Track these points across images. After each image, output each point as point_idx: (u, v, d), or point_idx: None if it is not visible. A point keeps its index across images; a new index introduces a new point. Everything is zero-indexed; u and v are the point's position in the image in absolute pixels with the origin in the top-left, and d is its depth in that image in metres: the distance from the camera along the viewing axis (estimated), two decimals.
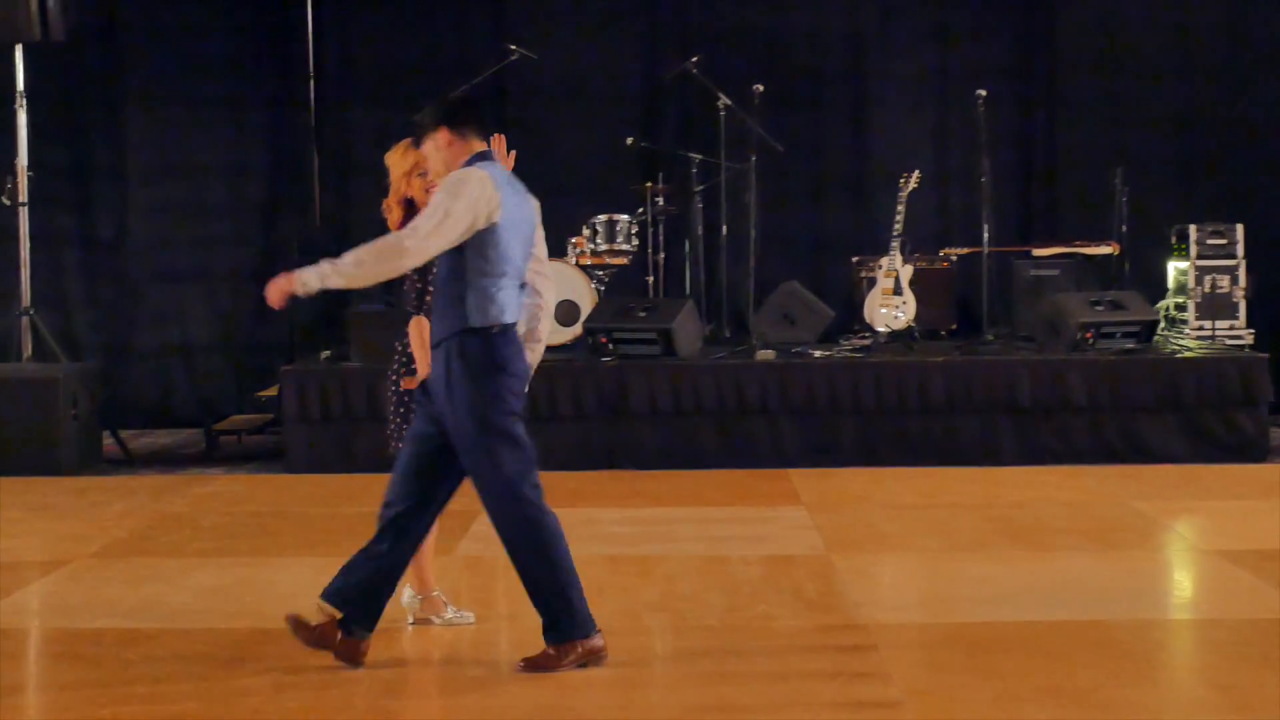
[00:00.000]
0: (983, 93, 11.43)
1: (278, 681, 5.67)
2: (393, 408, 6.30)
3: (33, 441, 10.25)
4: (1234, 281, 11.80)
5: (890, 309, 11.33)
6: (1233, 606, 6.83)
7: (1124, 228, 11.95)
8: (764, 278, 11.71)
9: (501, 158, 6.94)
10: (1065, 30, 12.90)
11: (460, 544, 8.02)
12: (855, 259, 12.20)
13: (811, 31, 12.88)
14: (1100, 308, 10.94)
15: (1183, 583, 7.61)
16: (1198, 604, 7.14)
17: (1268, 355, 10.77)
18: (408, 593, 6.42)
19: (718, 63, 11.98)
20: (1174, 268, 12.14)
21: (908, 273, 11.39)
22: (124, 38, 12.77)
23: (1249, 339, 11.60)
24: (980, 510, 8.92)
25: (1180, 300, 12.00)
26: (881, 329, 11.35)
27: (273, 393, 11.15)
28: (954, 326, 12.11)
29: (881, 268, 11.43)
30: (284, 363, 11.20)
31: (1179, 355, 10.77)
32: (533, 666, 5.72)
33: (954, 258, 12.13)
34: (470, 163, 5.63)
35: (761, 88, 11.32)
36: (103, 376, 11.45)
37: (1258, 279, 11.89)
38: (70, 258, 12.75)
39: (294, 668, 5.81)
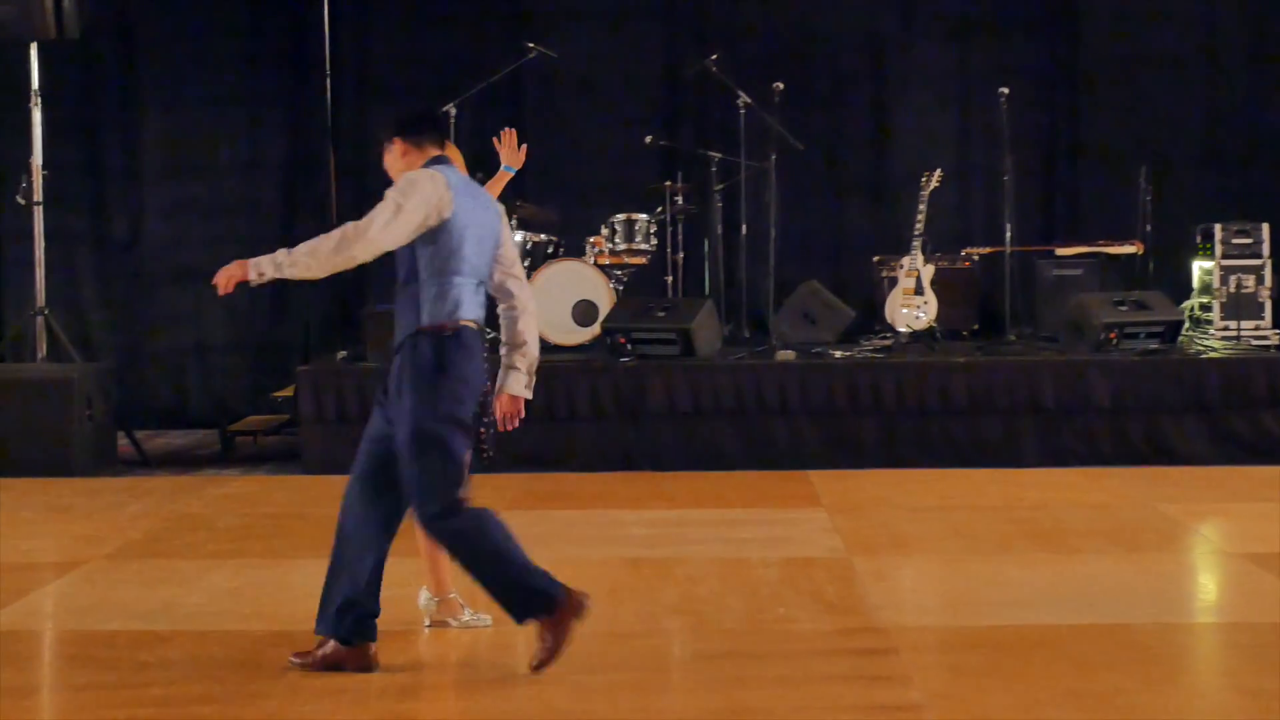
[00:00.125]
0: (1005, 90, 11.40)
1: (294, 684, 5.64)
2: None
3: (47, 442, 10.25)
4: (1259, 281, 11.72)
5: (911, 309, 11.29)
6: (1258, 610, 6.76)
7: (1148, 227, 11.92)
8: (784, 277, 11.69)
9: (512, 151, 6.97)
10: (1089, 27, 12.87)
11: None
12: (876, 258, 12.18)
13: (832, 29, 12.87)
14: (1124, 308, 10.89)
15: (1207, 586, 7.56)
16: (1222, 607, 7.09)
17: None
18: (424, 595, 6.40)
19: (738, 60, 11.97)
20: (1199, 267, 12.09)
21: (929, 272, 11.35)
22: (139, 36, 12.80)
23: (1275, 339, 11.53)
24: (1002, 512, 8.88)
25: (1205, 300, 11.94)
26: (903, 329, 11.31)
27: (289, 393, 11.13)
28: (976, 327, 12.09)
29: (903, 267, 11.39)
30: (300, 363, 11.19)
31: (1204, 356, 10.72)
32: (542, 663, 5.65)
33: (976, 257, 12.10)
34: (426, 167, 5.69)
35: (782, 85, 11.29)
36: (117, 377, 11.46)
37: None
38: (85, 257, 12.79)
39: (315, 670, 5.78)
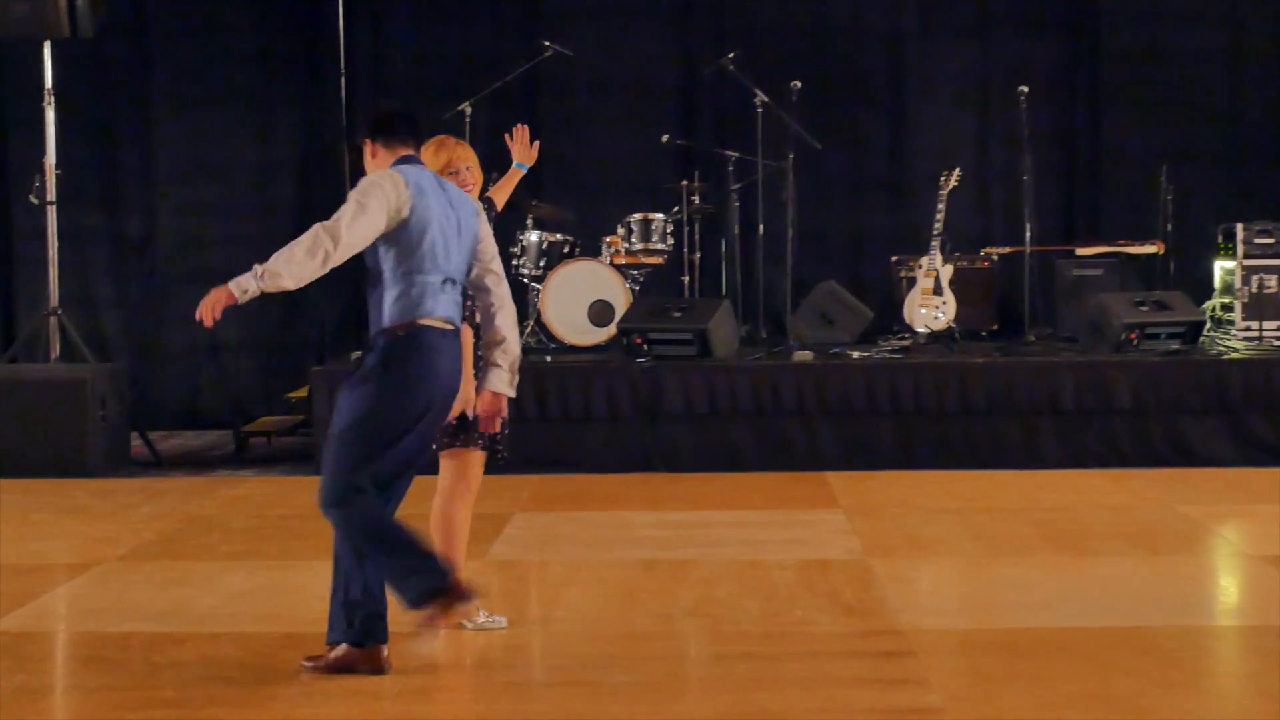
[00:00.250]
0: (1025, 89, 11.34)
1: (307, 686, 5.62)
2: None
3: (60, 443, 10.24)
4: None
5: (930, 309, 11.25)
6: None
7: (1169, 226, 11.86)
8: (801, 277, 11.65)
9: (524, 148, 6.95)
10: (1109, 24, 12.81)
11: (492, 547, 7.99)
12: (894, 258, 12.14)
13: (850, 27, 12.83)
14: (1145, 308, 10.84)
15: (1229, 588, 7.51)
16: (1244, 610, 7.03)
17: None
18: None
19: (755, 58, 11.91)
20: (1220, 267, 12.03)
21: (948, 272, 11.31)
22: (153, 35, 12.78)
23: None
24: (1022, 514, 8.84)
25: (1227, 300, 11.88)
26: (921, 330, 11.27)
27: (303, 394, 11.12)
28: (995, 327, 12.04)
29: (921, 267, 11.35)
30: (314, 363, 11.19)
31: (1225, 356, 10.66)
32: (429, 633, 5.64)
33: (995, 257, 12.07)
34: (394, 166, 5.74)
35: (799, 84, 11.22)
36: (131, 377, 11.43)
37: None
38: (99, 257, 12.77)
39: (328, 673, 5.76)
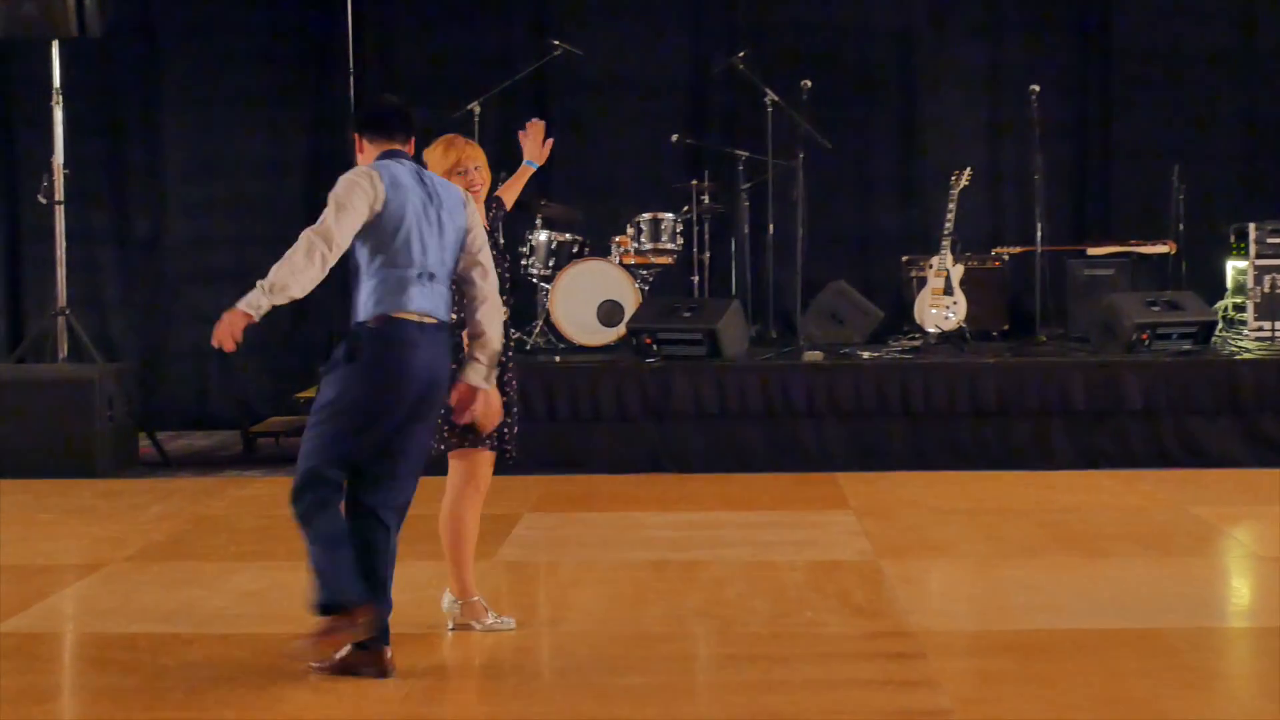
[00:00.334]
0: (1036, 88, 11.32)
1: (316, 688, 5.61)
2: None
3: (68, 443, 10.24)
4: None
5: (941, 309, 11.23)
6: None
7: (1181, 226, 11.85)
8: (811, 277, 11.62)
9: (536, 145, 6.93)
10: (1121, 23, 12.80)
11: (501, 548, 7.97)
12: (905, 258, 12.14)
13: (861, 25, 12.83)
14: (1156, 308, 10.82)
15: (1241, 590, 7.49)
16: (1257, 612, 7.00)
17: None
18: (448, 598, 6.37)
19: (765, 57, 11.92)
20: (1232, 267, 12.01)
21: (959, 272, 11.30)
22: (161, 34, 12.78)
23: None
24: (1033, 515, 8.82)
25: (1239, 300, 11.85)
26: (932, 330, 11.26)
27: (311, 394, 11.08)
28: (1006, 327, 12.03)
29: (932, 267, 11.34)
30: (322, 363, 11.12)
31: (1237, 357, 10.63)
32: (299, 653, 5.68)
33: (1006, 257, 12.06)
34: (378, 160, 5.81)
35: (809, 83, 11.20)
36: (139, 377, 11.45)
37: None
38: (106, 257, 12.78)
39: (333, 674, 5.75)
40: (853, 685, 5.66)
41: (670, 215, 11.50)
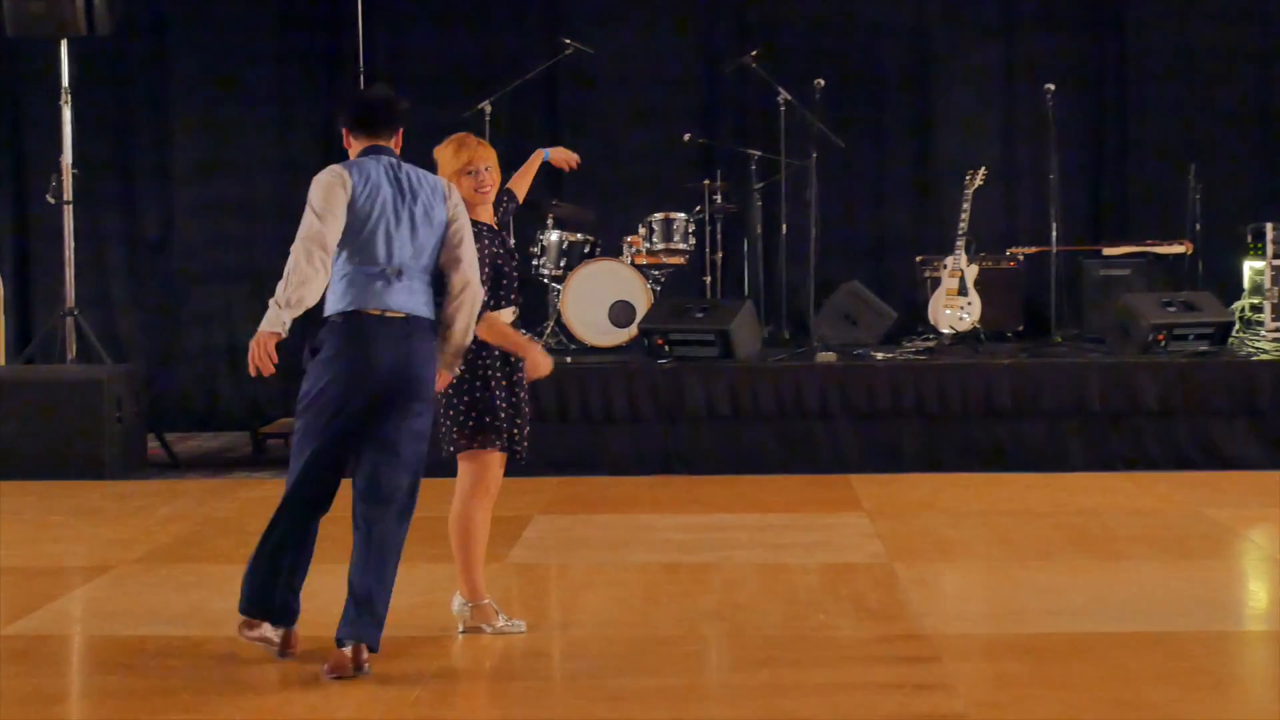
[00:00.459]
0: (1051, 87, 11.28)
1: (325, 691, 5.58)
2: (442, 409, 6.22)
3: (77, 444, 10.22)
4: None
5: (955, 310, 11.19)
6: None
7: (1197, 226, 11.84)
8: (825, 277, 11.60)
9: (565, 156, 6.92)
10: (1136, 22, 12.78)
11: (512, 550, 7.96)
12: (919, 258, 12.11)
13: (874, 24, 12.80)
14: (1172, 309, 10.79)
15: (1258, 593, 7.44)
16: (1272, 616, 6.96)
17: None
18: (458, 601, 6.35)
19: (777, 56, 11.90)
20: (1249, 267, 11.96)
21: (973, 272, 11.27)
22: (171, 33, 12.78)
23: None
24: (1047, 518, 8.79)
25: (1256, 301, 11.81)
26: (946, 330, 11.23)
27: None
28: (1021, 328, 12.00)
29: (946, 267, 11.31)
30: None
31: (1254, 358, 10.60)
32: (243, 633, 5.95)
33: (1021, 257, 12.03)
34: (360, 156, 5.95)
35: (823, 82, 11.17)
36: (148, 378, 11.42)
37: None
38: (115, 257, 12.78)
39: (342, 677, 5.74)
40: (866, 689, 5.63)
41: (682, 215, 11.47)
